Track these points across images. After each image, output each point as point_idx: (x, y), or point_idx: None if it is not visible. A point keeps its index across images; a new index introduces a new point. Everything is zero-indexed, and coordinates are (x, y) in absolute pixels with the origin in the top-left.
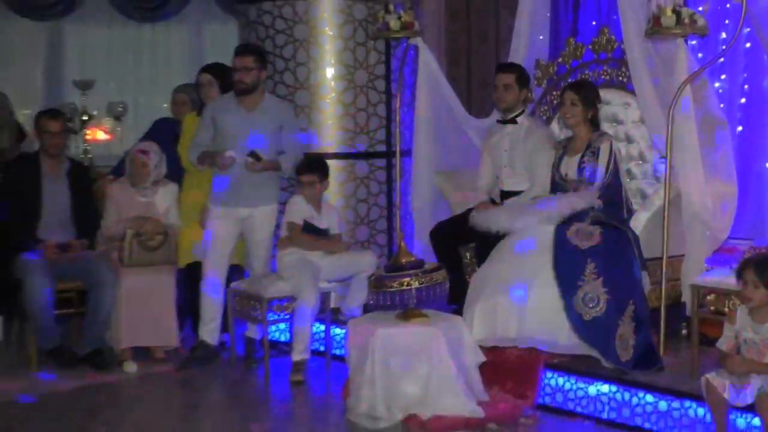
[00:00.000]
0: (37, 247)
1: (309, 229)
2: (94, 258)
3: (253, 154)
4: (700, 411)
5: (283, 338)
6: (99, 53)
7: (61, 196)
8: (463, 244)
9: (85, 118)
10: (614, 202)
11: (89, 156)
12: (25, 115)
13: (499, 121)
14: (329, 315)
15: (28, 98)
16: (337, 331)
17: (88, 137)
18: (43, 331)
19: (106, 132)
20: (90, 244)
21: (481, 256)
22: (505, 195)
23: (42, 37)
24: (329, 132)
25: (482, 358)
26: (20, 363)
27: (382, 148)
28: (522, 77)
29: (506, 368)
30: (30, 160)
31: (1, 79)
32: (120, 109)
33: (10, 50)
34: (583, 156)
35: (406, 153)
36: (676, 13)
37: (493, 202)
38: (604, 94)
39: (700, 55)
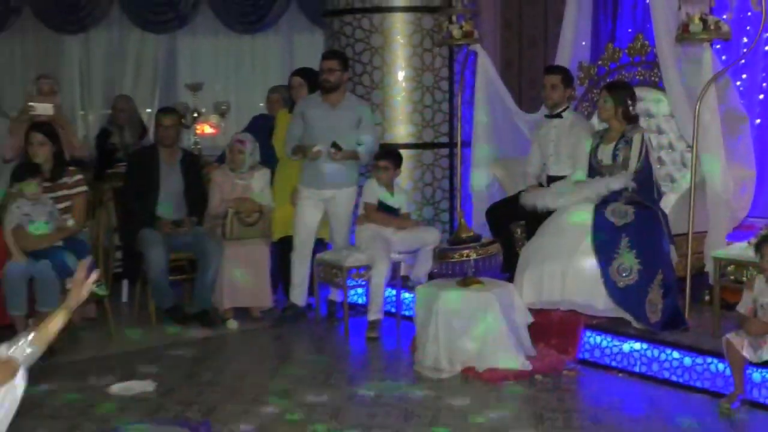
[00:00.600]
0: (155, 224)
1: (383, 208)
2: (202, 233)
3: (335, 144)
4: (721, 366)
5: (360, 301)
6: (207, 60)
7: (176, 180)
8: (514, 222)
9: (195, 115)
10: (646, 185)
11: (198, 147)
12: (146, 114)
13: (546, 116)
14: (399, 282)
15: (148, 99)
16: (406, 295)
17: (198, 131)
18: (160, 293)
19: (212, 127)
20: (199, 221)
21: (530, 232)
22: (551, 179)
23: (160, 47)
24: (400, 126)
25: (530, 319)
26: (141, 320)
27: (445, 139)
28: (566, 78)
29: (551, 328)
30: (149, 150)
31: (127, 83)
32: (224, 107)
33: (134, 59)
34: (617, 145)
35: (466, 144)
36: (703, 20)
37: (540, 185)
38: (638, 92)
39: (723, 57)
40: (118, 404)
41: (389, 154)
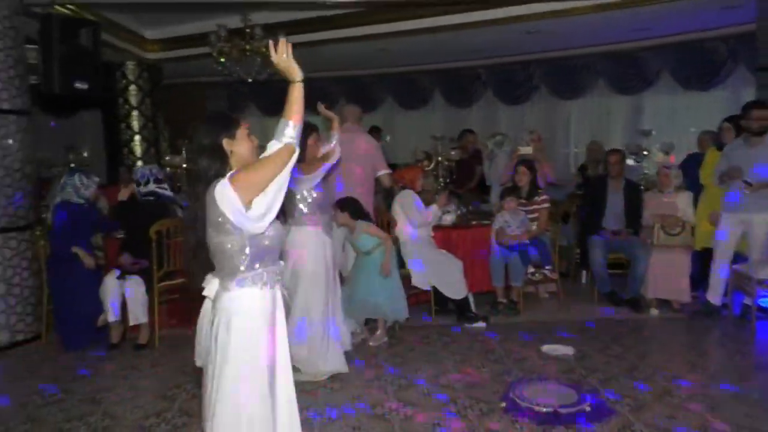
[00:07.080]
0: (601, 232)
1: None
2: (634, 240)
3: (745, 182)
4: None
5: None
6: (664, 112)
7: (618, 201)
8: None
9: (645, 153)
10: None
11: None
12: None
13: None
14: None
15: (613, 142)
16: None
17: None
18: (600, 281)
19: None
20: (634, 232)
21: None
22: None
23: (629, 105)
24: None
25: None
26: (587, 300)
27: None
28: None
29: None
30: (601, 178)
31: (602, 132)
32: (668, 147)
33: (614, 115)
34: None
35: None
36: None
37: None
38: None
39: None
40: (543, 359)
41: None
